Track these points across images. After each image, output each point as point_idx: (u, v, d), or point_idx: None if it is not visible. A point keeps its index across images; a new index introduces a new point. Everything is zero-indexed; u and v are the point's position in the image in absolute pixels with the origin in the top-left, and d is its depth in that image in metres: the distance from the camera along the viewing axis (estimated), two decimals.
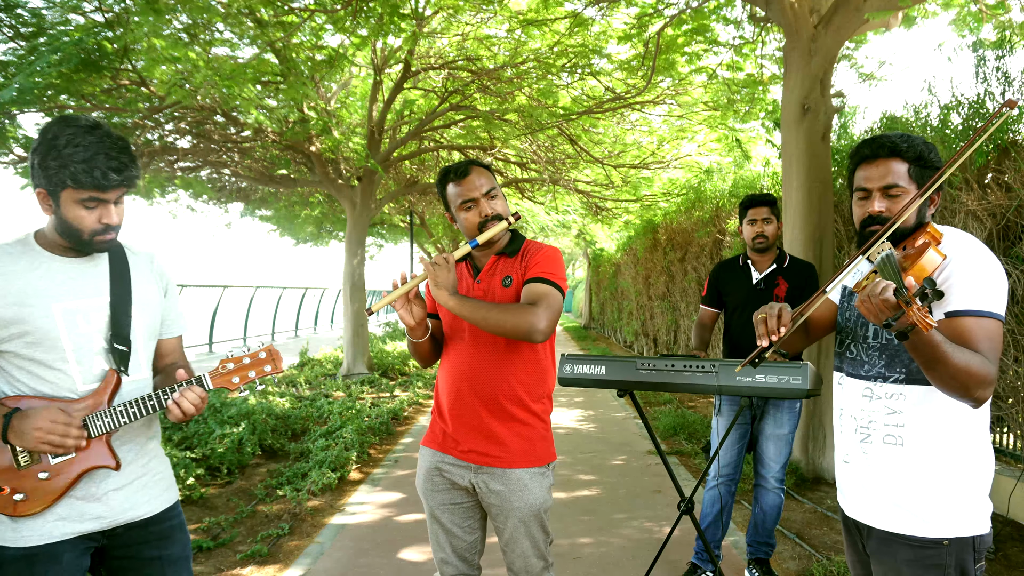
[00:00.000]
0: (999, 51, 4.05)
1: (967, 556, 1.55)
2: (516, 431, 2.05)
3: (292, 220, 15.65)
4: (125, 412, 1.63)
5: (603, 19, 7.42)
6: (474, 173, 2.08)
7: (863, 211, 1.65)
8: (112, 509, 1.67)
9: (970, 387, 1.41)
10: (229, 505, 4.48)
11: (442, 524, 2.13)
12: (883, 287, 1.32)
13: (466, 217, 2.08)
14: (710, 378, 2.71)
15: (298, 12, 6.59)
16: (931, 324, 1.25)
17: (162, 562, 1.74)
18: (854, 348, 1.71)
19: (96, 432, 1.61)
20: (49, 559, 1.59)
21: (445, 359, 2.17)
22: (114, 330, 1.68)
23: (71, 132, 1.54)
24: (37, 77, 5.45)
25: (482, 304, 1.93)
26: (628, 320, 14.49)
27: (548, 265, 2.05)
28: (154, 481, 1.77)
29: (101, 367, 1.66)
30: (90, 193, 1.55)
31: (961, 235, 1.58)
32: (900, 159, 1.61)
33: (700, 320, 3.62)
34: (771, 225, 3.31)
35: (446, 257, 1.96)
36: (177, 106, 7.24)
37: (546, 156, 11.21)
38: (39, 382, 1.61)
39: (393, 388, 9.62)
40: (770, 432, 3.29)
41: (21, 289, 1.58)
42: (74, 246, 1.64)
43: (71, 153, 1.52)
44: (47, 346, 1.59)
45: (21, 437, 1.54)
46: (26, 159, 7.79)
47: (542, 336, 1.92)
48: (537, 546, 2.08)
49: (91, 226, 1.59)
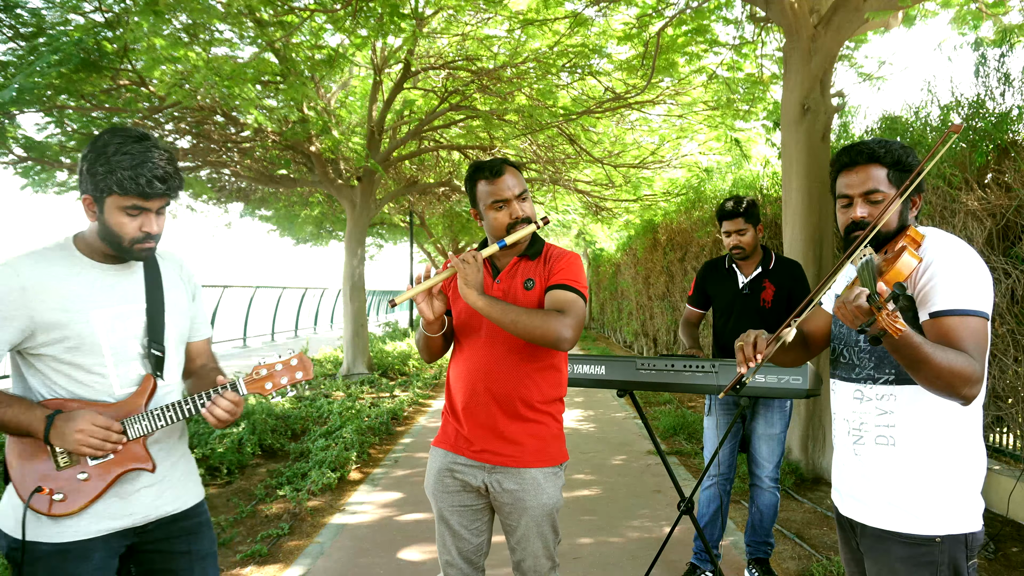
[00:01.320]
0: (1000, 49, 4.05)
1: (960, 553, 1.56)
2: (531, 431, 2.05)
3: (292, 220, 15.66)
4: (162, 416, 1.67)
5: (603, 19, 7.42)
6: (508, 173, 2.07)
7: (846, 217, 1.69)
8: (144, 506, 1.71)
9: (956, 386, 1.42)
10: (229, 505, 4.49)
11: (450, 526, 2.12)
12: (856, 293, 1.34)
13: (496, 217, 2.07)
14: (710, 378, 2.71)
15: (298, 12, 6.59)
16: (900, 328, 1.27)
17: (191, 556, 1.78)
18: (846, 353, 1.73)
19: (134, 435, 1.65)
20: (81, 556, 1.62)
21: (458, 358, 2.15)
22: (150, 335, 1.72)
23: (120, 140, 1.58)
24: (37, 77, 5.46)
25: (511, 307, 1.92)
26: (628, 320, 14.50)
27: (572, 272, 2.05)
28: (184, 478, 1.82)
29: (138, 372, 1.70)
30: (133, 200, 1.59)
31: (942, 236, 1.61)
32: (879, 164, 1.64)
33: (686, 319, 3.61)
34: (747, 235, 3.25)
35: (474, 255, 1.94)
36: (177, 106, 7.24)
37: (546, 156, 11.21)
38: (77, 385, 1.63)
39: (393, 388, 9.62)
40: (762, 432, 3.29)
41: (63, 295, 1.61)
42: (114, 253, 1.67)
43: (119, 160, 1.55)
44: (86, 351, 1.62)
45: (63, 439, 1.56)
46: (26, 159, 7.80)
47: (569, 345, 1.94)
48: (547, 546, 2.08)
49: (132, 233, 1.63)
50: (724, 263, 3.44)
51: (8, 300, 1.56)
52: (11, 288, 1.56)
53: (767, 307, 3.26)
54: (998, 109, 4.02)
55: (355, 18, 6.24)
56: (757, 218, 3.28)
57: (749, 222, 3.24)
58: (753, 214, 3.25)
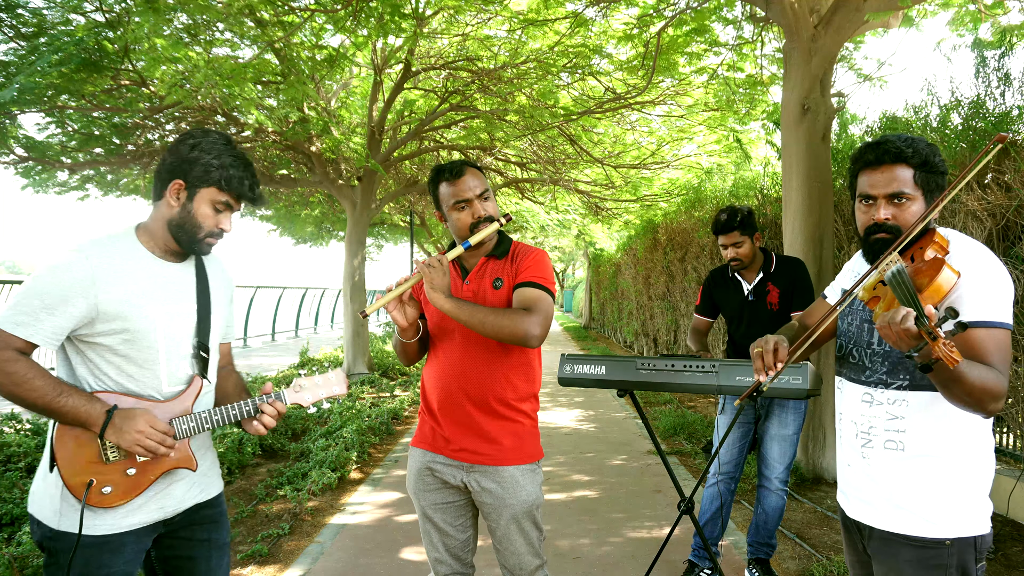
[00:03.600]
0: (1000, 48, 4.05)
1: (969, 556, 1.55)
2: (507, 429, 2.07)
3: (292, 220, 15.65)
4: (209, 419, 1.71)
5: (603, 19, 7.42)
6: (468, 174, 2.09)
7: (868, 218, 1.60)
8: (175, 499, 1.74)
9: (985, 402, 1.39)
10: (229, 505, 4.48)
11: (435, 523, 2.14)
12: (903, 316, 1.27)
13: (459, 217, 2.09)
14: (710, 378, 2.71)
15: (298, 12, 6.59)
16: (957, 359, 1.21)
17: (210, 544, 1.81)
18: (856, 353, 1.70)
19: (181, 436, 1.68)
20: (116, 549, 1.64)
21: (432, 359, 2.17)
22: (199, 336, 1.75)
23: (224, 142, 1.68)
24: (38, 77, 5.46)
25: (478, 308, 1.94)
26: (628, 320, 14.49)
27: (538, 269, 2.07)
28: (209, 470, 1.85)
29: (186, 371, 1.73)
30: (228, 197, 1.68)
31: (968, 244, 1.55)
32: (905, 165, 1.55)
33: (695, 327, 3.62)
34: (743, 247, 3.24)
35: (440, 259, 1.96)
36: (177, 106, 7.24)
37: (546, 156, 11.21)
38: (126, 379, 1.65)
39: (393, 388, 9.62)
40: (775, 433, 3.27)
41: (129, 288, 1.63)
42: (178, 246, 1.71)
43: (230, 161, 1.67)
44: (142, 345, 1.65)
45: (119, 435, 1.58)
46: (26, 159, 7.79)
47: (537, 342, 1.97)
48: (531, 543, 2.09)
49: (210, 227, 1.69)
50: (727, 272, 3.43)
51: (77, 285, 1.57)
52: (82, 273, 1.58)
53: (775, 310, 3.27)
54: (998, 109, 4.02)
55: (355, 18, 6.23)
56: (753, 227, 3.25)
57: (745, 234, 3.23)
58: (748, 224, 3.23)
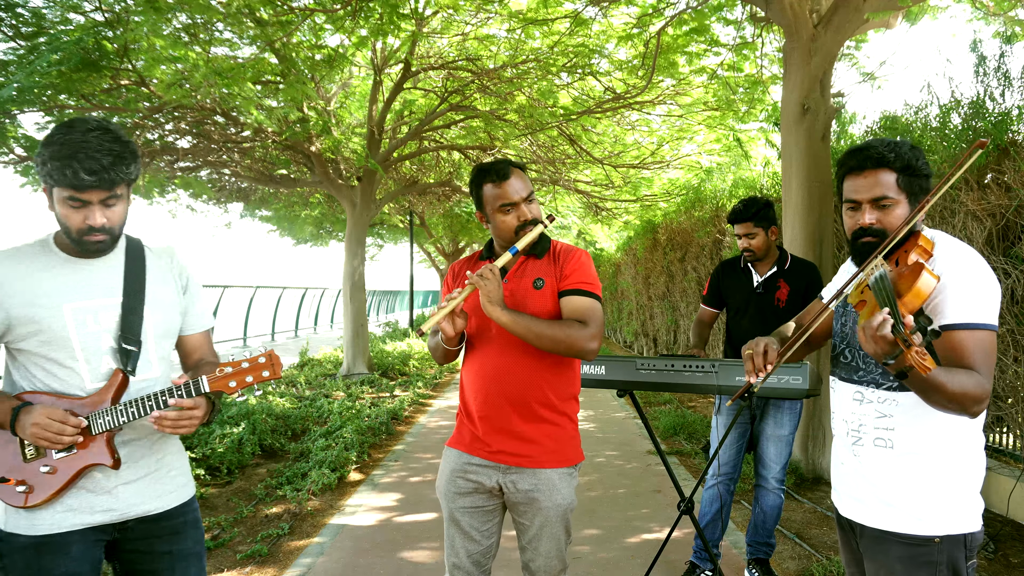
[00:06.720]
0: (1001, 47, 4.04)
1: (958, 554, 1.56)
2: (547, 432, 2.04)
3: (292, 220, 15.66)
4: (125, 411, 1.65)
5: (603, 19, 7.42)
6: (514, 176, 2.06)
7: (854, 222, 1.64)
8: (122, 503, 1.70)
9: (966, 406, 1.42)
10: (229, 505, 4.48)
11: (460, 528, 2.10)
12: (880, 322, 1.30)
13: (504, 220, 2.06)
14: (710, 378, 2.71)
15: (298, 12, 6.59)
16: (929, 367, 1.23)
17: (172, 557, 1.77)
18: (849, 353, 1.72)
19: (98, 430, 1.64)
20: (58, 549, 1.62)
21: (471, 361, 2.14)
22: (123, 330, 1.70)
23: (64, 131, 1.55)
24: (37, 77, 5.45)
25: (534, 321, 1.93)
26: (628, 320, 14.49)
27: (584, 274, 2.04)
28: (168, 477, 1.79)
29: (108, 366, 1.69)
30: (69, 192, 1.56)
31: (952, 245, 1.57)
32: (888, 169, 1.59)
33: (700, 318, 3.62)
34: (756, 239, 3.25)
35: (492, 269, 1.93)
36: (177, 106, 7.24)
37: (546, 156, 11.21)
38: (52, 379, 1.66)
39: (393, 388, 9.62)
40: (771, 433, 3.28)
41: (32, 289, 1.63)
42: (72, 245, 1.67)
43: (55, 151, 1.53)
44: (57, 345, 1.64)
45: (23, 430, 1.59)
46: (26, 159, 7.80)
47: (593, 356, 1.95)
48: (559, 547, 2.06)
49: (77, 225, 1.60)
50: (740, 262, 3.44)
51: None
52: None
53: (781, 306, 3.26)
54: (998, 109, 4.02)
55: (355, 18, 6.23)
56: (769, 220, 3.25)
57: (759, 225, 3.23)
58: (763, 216, 3.23)
